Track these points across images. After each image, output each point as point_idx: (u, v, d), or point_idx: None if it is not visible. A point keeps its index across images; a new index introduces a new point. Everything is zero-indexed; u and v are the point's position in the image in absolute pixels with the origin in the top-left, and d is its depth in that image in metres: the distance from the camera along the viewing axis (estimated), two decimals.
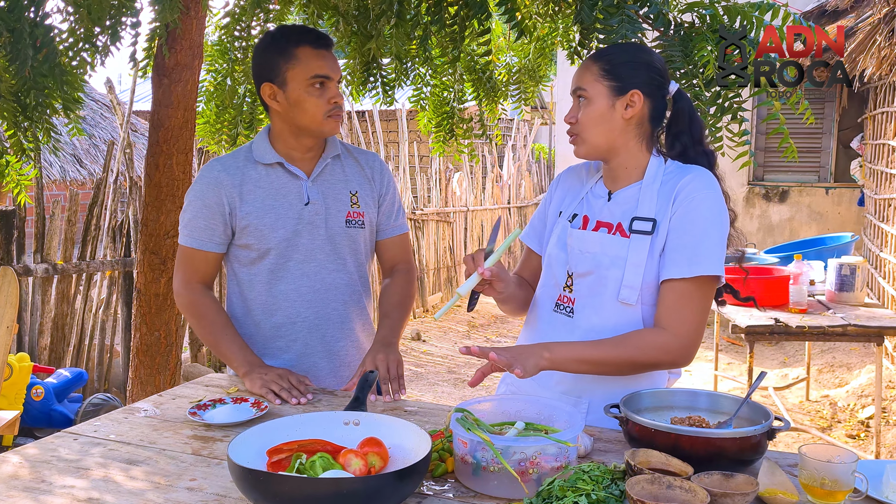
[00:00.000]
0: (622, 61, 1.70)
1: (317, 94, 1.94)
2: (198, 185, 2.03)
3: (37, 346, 4.53)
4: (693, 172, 1.69)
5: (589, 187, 1.83)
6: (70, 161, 8.81)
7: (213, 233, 2.01)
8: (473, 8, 2.38)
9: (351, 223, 2.07)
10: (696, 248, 1.62)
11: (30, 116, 2.68)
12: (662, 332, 1.64)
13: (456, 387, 5.90)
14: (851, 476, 1.26)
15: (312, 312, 2.05)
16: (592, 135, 1.72)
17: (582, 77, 1.72)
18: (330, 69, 1.96)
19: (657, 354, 1.64)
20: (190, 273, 2.05)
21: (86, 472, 1.44)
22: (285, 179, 2.03)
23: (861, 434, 4.80)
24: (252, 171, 2.02)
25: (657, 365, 1.68)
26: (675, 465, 1.33)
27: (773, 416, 1.45)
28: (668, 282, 1.65)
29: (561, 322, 1.77)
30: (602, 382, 1.73)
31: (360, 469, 1.34)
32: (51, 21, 2.48)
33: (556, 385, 1.77)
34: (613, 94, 1.69)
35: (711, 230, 1.64)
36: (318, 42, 1.96)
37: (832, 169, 8.22)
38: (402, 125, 8.56)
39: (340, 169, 2.10)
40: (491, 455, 1.33)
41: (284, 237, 2.00)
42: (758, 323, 3.96)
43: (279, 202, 2.01)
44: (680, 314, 1.63)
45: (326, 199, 2.05)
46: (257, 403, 1.77)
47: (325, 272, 2.05)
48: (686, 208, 1.64)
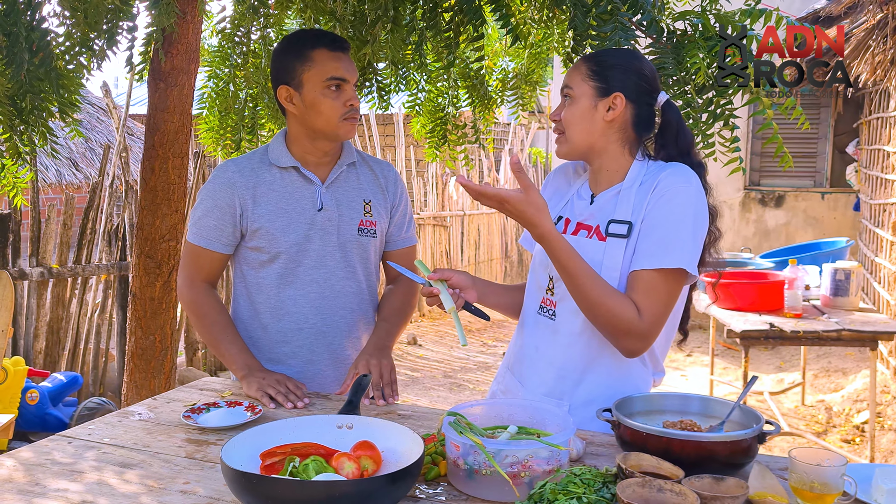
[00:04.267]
0: (611, 64, 1.72)
1: (332, 96, 1.94)
2: (211, 185, 2.03)
3: (32, 350, 4.52)
4: (672, 168, 1.69)
5: (575, 189, 1.85)
6: (66, 165, 8.80)
7: (222, 233, 2.02)
8: (468, 14, 2.39)
9: (363, 232, 2.07)
10: (667, 241, 1.62)
11: (25, 120, 2.69)
12: (630, 306, 1.61)
13: (452, 391, 5.90)
14: (841, 479, 1.27)
15: (320, 319, 2.04)
16: (573, 133, 1.73)
17: (571, 76, 1.75)
18: (346, 71, 1.95)
19: (620, 320, 1.61)
20: (194, 271, 2.05)
21: (80, 475, 1.44)
22: (299, 184, 2.03)
23: (856, 439, 4.81)
24: (266, 173, 2.02)
25: (614, 329, 1.63)
26: (666, 468, 1.34)
27: (763, 420, 1.46)
28: (636, 272, 1.64)
29: (544, 324, 1.79)
30: (583, 384, 1.74)
31: (353, 472, 1.34)
32: (47, 25, 2.49)
33: (538, 387, 1.79)
34: (597, 95, 1.71)
35: (682, 224, 1.63)
36: (335, 45, 1.97)
37: (828, 174, 8.24)
38: (399, 129, 8.57)
39: (355, 177, 2.10)
40: (483, 458, 1.34)
41: (296, 241, 2.00)
42: (753, 328, 3.97)
43: (292, 206, 2.01)
44: (648, 299, 1.62)
45: (340, 206, 2.05)
46: (251, 407, 1.77)
47: (334, 279, 2.05)
48: (659, 201, 1.65)
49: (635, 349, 1.66)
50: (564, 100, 1.76)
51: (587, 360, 1.74)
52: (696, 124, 2.18)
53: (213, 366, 5.80)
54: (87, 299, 4.84)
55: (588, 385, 1.74)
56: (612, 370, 1.74)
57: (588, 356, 1.74)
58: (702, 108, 2.20)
